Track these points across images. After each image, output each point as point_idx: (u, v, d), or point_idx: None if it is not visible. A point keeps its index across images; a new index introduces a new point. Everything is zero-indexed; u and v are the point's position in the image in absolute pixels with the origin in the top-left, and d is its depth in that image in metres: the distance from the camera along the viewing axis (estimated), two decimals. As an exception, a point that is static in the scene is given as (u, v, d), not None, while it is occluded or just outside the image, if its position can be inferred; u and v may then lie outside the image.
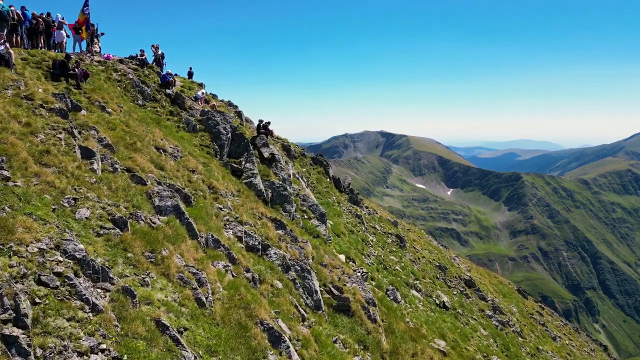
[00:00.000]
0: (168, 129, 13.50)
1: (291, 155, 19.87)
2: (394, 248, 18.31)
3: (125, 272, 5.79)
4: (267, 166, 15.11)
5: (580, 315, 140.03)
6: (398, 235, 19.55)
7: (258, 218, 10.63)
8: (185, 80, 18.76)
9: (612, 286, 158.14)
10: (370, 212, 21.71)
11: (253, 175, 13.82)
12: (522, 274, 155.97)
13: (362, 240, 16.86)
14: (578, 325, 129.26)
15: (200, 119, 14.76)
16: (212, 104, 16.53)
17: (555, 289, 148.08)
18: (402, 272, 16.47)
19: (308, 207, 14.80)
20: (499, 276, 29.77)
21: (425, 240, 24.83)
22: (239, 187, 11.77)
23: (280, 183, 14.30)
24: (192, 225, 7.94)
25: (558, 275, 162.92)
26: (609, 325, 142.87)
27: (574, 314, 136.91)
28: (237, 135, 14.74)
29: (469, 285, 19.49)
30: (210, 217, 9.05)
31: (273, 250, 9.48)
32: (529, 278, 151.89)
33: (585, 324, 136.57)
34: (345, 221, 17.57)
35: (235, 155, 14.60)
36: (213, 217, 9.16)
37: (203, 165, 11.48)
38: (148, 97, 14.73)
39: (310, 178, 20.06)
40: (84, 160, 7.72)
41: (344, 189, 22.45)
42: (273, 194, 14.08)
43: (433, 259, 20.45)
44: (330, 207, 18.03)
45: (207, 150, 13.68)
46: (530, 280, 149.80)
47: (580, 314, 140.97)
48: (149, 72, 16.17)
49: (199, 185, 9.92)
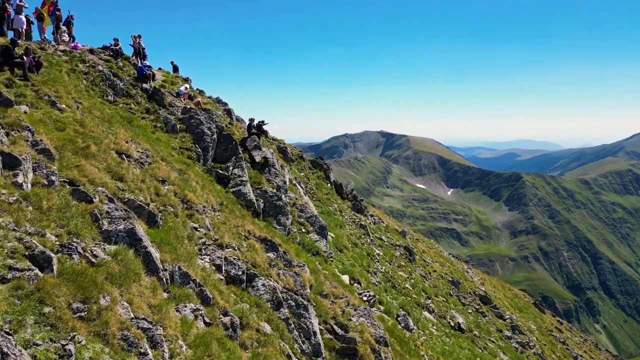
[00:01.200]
0: (142, 129, 11.52)
1: (288, 159, 17.90)
2: (403, 262, 16.38)
3: (35, 339, 3.82)
4: (259, 172, 13.16)
5: (581, 315, 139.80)
6: (407, 248, 17.58)
7: (244, 238, 8.67)
8: (168, 74, 16.69)
9: (612, 286, 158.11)
10: (375, 221, 19.72)
11: (242, 183, 11.86)
12: (522, 274, 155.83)
13: (368, 254, 14.92)
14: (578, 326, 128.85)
15: (182, 118, 12.78)
16: (197, 101, 14.52)
17: (555, 290, 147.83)
18: (413, 290, 14.55)
19: (306, 219, 12.86)
20: (513, 288, 27.96)
21: (436, 251, 22.86)
22: (222, 198, 9.78)
23: (273, 192, 12.35)
24: (151, 255, 5.98)
25: (559, 275, 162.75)
26: (609, 325, 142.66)
27: (575, 315, 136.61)
28: (224, 137, 12.77)
29: (484, 301, 17.61)
30: (180, 241, 7.11)
31: (261, 281, 7.55)
32: (529, 278, 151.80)
33: (585, 324, 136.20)
34: (348, 233, 15.63)
35: (222, 160, 12.64)
36: (184, 241, 7.21)
37: (179, 173, 9.51)
38: (120, 92, 12.74)
39: (309, 184, 18.04)
40: (5, 171, 5.77)
41: (346, 196, 20.36)
42: (265, 205, 12.14)
43: (445, 273, 18.52)
44: (332, 216, 16.07)
45: (187, 154, 11.70)
46: (531, 281, 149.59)
47: (581, 315, 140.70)
48: (124, 64, 14.15)
49: (170, 198, 7.96)
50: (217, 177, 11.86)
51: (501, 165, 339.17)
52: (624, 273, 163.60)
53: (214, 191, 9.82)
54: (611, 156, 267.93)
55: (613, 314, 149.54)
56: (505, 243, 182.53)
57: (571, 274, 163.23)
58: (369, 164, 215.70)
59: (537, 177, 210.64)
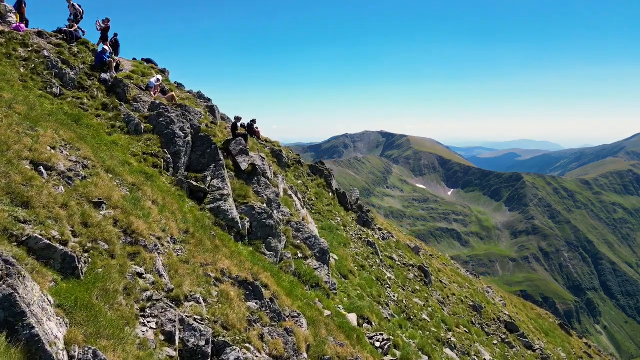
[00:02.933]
0: (93, 130, 9.00)
1: (283, 164, 15.37)
2: (418, 286, 13.92)
3: None
4: (245, 182, 10.66)
5: (581, 316, 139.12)
6: (421, 268, 15.09)
7: (215, 282, 6.19)
8: (140, 64, 14.05)
9: (613, 287, 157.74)
10: (384, 236, 17.16)
11: (222, 198, 9.37)
12: (523, 275, 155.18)
13: (377, 278, 12.45)
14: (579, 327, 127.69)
15: (148, 116, 10.26)
16: (171, 95, 11.95)
17: (556, 290, 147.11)
18: (431, 322, 12.11)
19: (303, 241, 10.39)
20: (535, 307, 25.64)
21: (452, 269, 20.37)
22: (190, 224, 7.24)
23: (263, 208, 9.87)
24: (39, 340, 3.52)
25: (559, 276, 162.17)
26: (610, 326, 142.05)
27: (575, 315, 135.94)
28: (202, 139, 10.26)
29: (510, 329, 15.23)
30: (111, 298, 4.64)
31: (234, 353, 5.10)
32: (529, 279, 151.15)
33: (586, 325, 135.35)
34: (354, 252, 13.14)
35: (198, 168, 10.13)
36: (118, 298, 4.74)
37: (129, 190, 7.00)
38: (70, 84, 10.19)
39: (308, 193, 15.45)
40: None
41: (351, 206, 17.68)
42: (252, 225, 9.66)
43: (465, 295, 16.09)
44: (334, 232, 13.56)
45: (153, 162, 9.19)
46: (531, 281, 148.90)
47: (582, 315, 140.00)
48: (80, 50, 11.57)
49: (105, 230, 5.47)
50: (190, 191, 9.35)
51: (501, 166, 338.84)
52: (625, 274, 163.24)
53: (178, 213, 7.31)
54: (612, 156, 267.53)
55: (614, 314, 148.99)
56: (505, 243, 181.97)
57: (572, 274, 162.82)
58: (369, 164, 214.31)
59: (537, 178, 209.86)
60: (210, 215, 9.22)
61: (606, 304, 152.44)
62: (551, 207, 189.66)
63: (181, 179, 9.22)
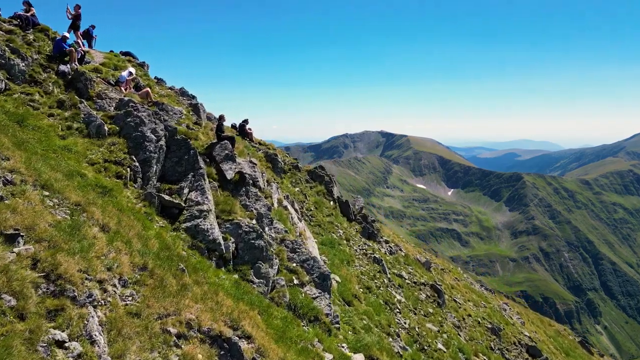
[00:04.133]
0: (42, 132, 7.32)
1: (278, 169, 13.67)
2: (431, 308, 12.26)
3: None
4: (231, 194, 8.99)
5: (582, 316, 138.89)
6: (434, 287, 13.42)
7: (176, 342, 4.51)
8: (113, 56, 12.25)
9: (613, 287, 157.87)
10: (392, 250, 15.41)
11: (201, 215, 7.71)
12: (523, 275, 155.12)
13: (386, 302, 10.79)
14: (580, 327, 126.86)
15: (114, 115, 8.57)
16: (145, 91, 10.19)
17: (556, 290, 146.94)
18: (447, 352, 10.48)
19: (300, 264, 8.74)
20: (553, 323, 24.02)
21: (465, 284, 18.63)
22: (151, 257, 5.49)
23: (251, 225, 8.21)
24: None
25: (559, 276, 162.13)
26: (610, 326, 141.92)
27: (576, 316, 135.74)
28: (178, 143, 8.58)
29: (532, 353, 13.63)
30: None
31: None
32: (530, 279, 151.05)
33: (587, 325, 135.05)
34: (359, 271, 11.47)
35: (174, 178, 8.46)
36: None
37: (69, 212, 5.31)
38: (20, 77, 8.49)
39: (307, 202, 13.68)
40: None
41: (354, 217, 15.89)
42: (238, 246, 8.01)
43: (482, 316, 14.43)
44: (336, 248, 11.85)
45: (116, 171, 7.51)
46: (532, 282, 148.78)
47: (582, 316, 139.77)
48: (37, 38, 9.85)
49: (15, 277, 3.79)
50: (161, 207, 7.67)
51: (501, 166, 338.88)
52: (625, 274, 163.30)
53: (136, 241, 5.62)
54: (612, 156, 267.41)
55: (614, 315, 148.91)
56: (505, 244, 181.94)
57: (572, 274, 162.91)
58: (369, 164, 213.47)
59: (537, 178, 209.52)
60: (186, 237, 7.55)
61: (606, 304, 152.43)
62: (551, 207, 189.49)
63: (150, 192, 7.54)
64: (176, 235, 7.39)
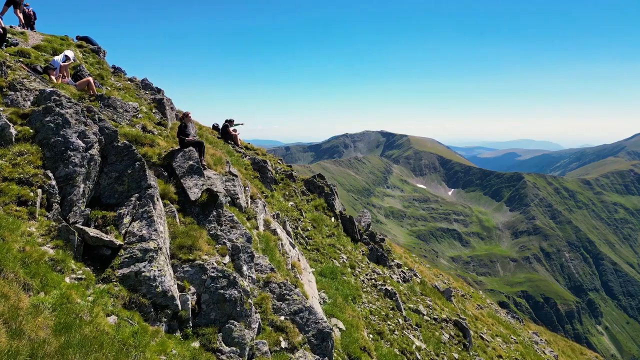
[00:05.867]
0: None
1: (268, 180, 11.10)
2: (455, 352, 9.73)
3: None
4: (196, 220, 6.52)
5: (582, 317, 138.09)
6: (457, 324, 10.85)
7: None
8: (54, 39, 9.48)
9: (614, 287, 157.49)
10: (405, 277, 12.60)
11: (146, 256, 5.23)
12: (524, 275, 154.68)
13: (402, 352, 8.32)
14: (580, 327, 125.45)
15: (29, 113, 6.09)
16: (86, 81, 7.57)
17: (557, 291, 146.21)
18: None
19: (291, 316, 6.29)
20: (585, 351, 21.50)
21: (490, 311, 15.92)
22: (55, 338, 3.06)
23: (219, 269, 5.74)
24: None
25: (560, 276, 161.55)
26: (611, 327, 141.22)
27: (577, 316, 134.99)
28: (119, 151, 6.10)
29: (575, 403, 11.20)
30: None
31: None
32: (530, 279, 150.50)
33: (587, 325, 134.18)
34: (367, 310, 8.95)
35: (113, 201, 5.98)
36: None
37: None
38: None
39: (303, 220, 10.80)
40: None
41: (359, 236, 12.98)
42: (202, 299, 5.55)
43: (514, 357, 11.92)
44: (338, 279, 9.23)
45: (18, 194, 5.04)
46: (532, 282, 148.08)
47: (583, 316, 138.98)
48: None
49: None
50: (85, 247, 5.19)
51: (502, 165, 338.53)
52: (626, 274, 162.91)
53: (1, 326, 3.16)
54: (612, 156, 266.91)
55: (615, 315, 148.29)
56: (506, 244, 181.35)
57: (573, 274, 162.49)
58: (369, 164, 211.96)
59: (538, 177, 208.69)
60: (122, 290, 5.08)
61: (607, 305, 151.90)
62: (552, 207, 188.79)
63: (66, 225, 5.06)
64: (104, 289, 4.91)
